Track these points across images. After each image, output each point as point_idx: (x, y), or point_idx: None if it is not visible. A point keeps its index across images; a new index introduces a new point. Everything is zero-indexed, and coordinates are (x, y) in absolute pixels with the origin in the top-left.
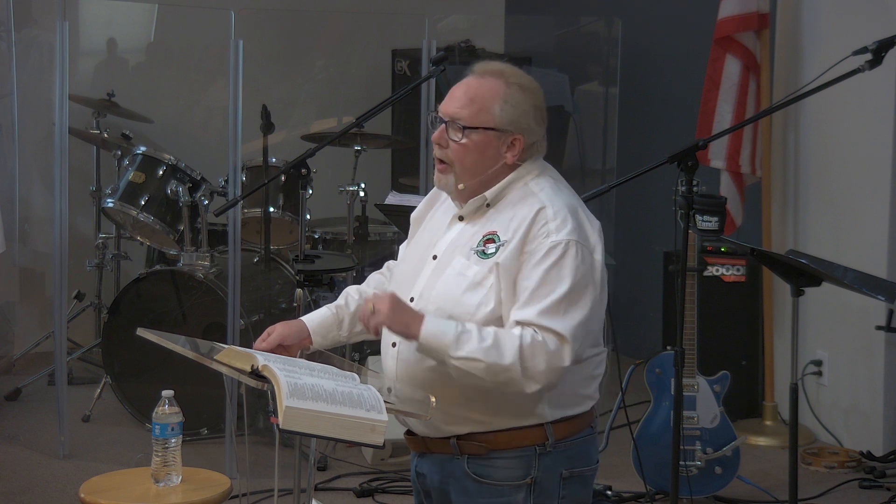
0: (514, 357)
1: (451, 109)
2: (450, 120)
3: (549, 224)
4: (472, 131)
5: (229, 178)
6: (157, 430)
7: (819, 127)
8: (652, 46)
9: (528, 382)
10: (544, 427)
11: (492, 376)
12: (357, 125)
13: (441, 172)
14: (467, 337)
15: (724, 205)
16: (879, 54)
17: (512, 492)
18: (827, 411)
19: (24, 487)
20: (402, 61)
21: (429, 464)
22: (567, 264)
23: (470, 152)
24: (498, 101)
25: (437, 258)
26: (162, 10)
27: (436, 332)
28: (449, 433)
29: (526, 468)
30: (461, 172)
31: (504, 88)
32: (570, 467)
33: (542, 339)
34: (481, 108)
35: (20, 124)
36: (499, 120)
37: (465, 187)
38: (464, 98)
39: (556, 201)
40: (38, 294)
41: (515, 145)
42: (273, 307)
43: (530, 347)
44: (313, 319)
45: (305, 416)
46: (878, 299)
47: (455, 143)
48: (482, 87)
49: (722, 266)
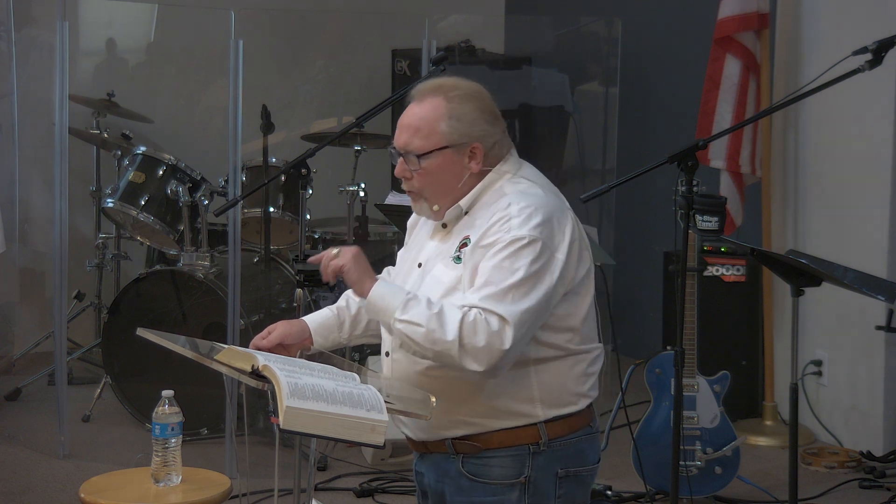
0: (455, 329)
1: (401, 143)
2: (404, 153)
3: (512, 220)
4: (426, 157)
5: (229, 178)
6: (157, 430)
7: (819, 127)
8: (652, 46)
9: (467, 358)
10: (537, 426)
11: (430, 344)
12: (357, 125)
13: (414, 202)
14: (415, 303)
15: (724, 205)
16: (879, 54)
17: (506, 490)
18: (827, 411)
19: (24, 487)
20: (402, 61)
21: (427, 463)
22: (523, 257)
23: (432, 176)
24: (443, 119)
25: (422, 266)
26: (162, 10)
27: (385, 293)
28: (443, 436)
29: (520, 467)
30: (432, 196)
31: (445, 104)
32: (565, 466)
33: (485, 318)
34: (429, 132)
35: (20, 124)
36: (449, 137)
37: (440, 207)
38: (410, 128)
39: (525, 198)
40: (38, 294)
41: (476, 154)
42: (273, 307)
43: (472, 324)
44: (314, 320)
45: (306, 416)
46: (878, 299)
47: (416, 173)
48: (424, 111)
49: (722, 266)
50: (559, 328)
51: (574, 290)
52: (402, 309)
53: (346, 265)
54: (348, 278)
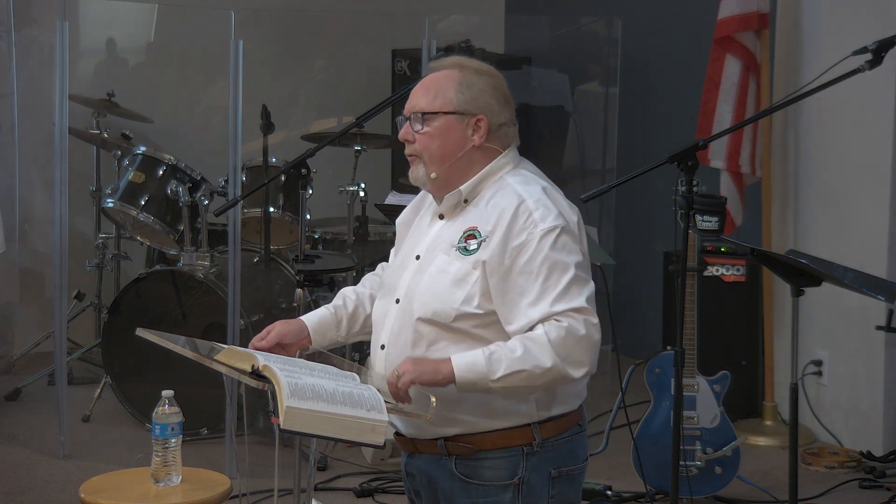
0: (549, 352)
1: (409, 105)
2: (411, 115)
3: (532, 215)
4: (431, 117)
5: (229, 178)
6: (157, 430)
7: (819, 127)
8: (652, 46)
9: (572, 368)
10: (531, 427)
11: (538, 380)
12: (357, 125)
13: (413, 167)
14: (497, 356)
15: (724, 205)
16: (879, 54)
17: (499, 492)
18: (827, 411)
19: (24, 487)
20: (402, 61)
21: (418, 464)
22: (563, 249)
23: (434, 139)
24: (453, 85)
25: (420, 258)
26: (162, 10)
27: (468, 365)
28: (436, 435)
29: (513, 468)
30: (430, 161)
31: (458, 74)
32: (558, 466)
33: (568, 324)
34: (437, 94)
35: (20, 124)
36: (457, 103)
37: (437, 175)
38: (420, 90)
39: (533, 191)
40: (38, 294)
41: (480, 126)
42: (273, 307)
43: (561, 339)
44: (312, 319)
45: (306, 416)
46: (878, 299)
47: (419, 135)
48: (437, 77)
49: (722, 266)
50: None
51: None
52: (490, 369)
53: (415, 377)
54: (425, 383)
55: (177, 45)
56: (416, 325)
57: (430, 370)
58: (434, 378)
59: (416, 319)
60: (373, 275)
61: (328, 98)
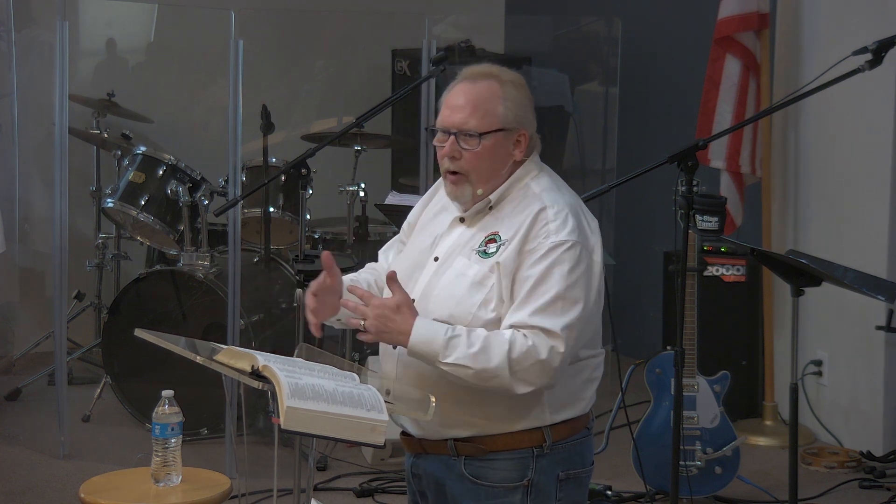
0: (503, 361)
1: (457, 120)
2: (458, 132)
3: (549, 224)
4: (485, 137)
5: (229, 178)
6: (157, 430)
7: (819, 127)
8: (652, 46)
9: (518, 384)
10: (542, 430)
11: (481, 381)
12: (357, 125)
13: (455, 184)
14: (456, 342)
15: (724, 205)
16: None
17: (508, 493)
18: (827, 411)
19: (24, 487)
20: (402, 61)
21: (425, 464)
22: (564, 264)
23: (484, 158)
24: (499, 101)
25: (439, 260)
26: (162, 10)
27: (425, 339)
28: (447, 436)
29: (523, 470)
30: (477, 179)
31: (499, 87)
32: (566, 469)
33: (532, 343)
34: (486, 112)
35: (20, 124)
36: (503, 119)
37: (483, 192)
38: (467, 107)
39: (559, 201)
40: (38, 294)
41: (521, 141)
42: (273, 307)
43: (520, 353)
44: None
45: (306, 416)
46: (878, 299)
47: (469, 153)
48: (480, 91)
49: (722, 266)
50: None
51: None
52: (444, 351)
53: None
54: (380, 339)
55: (177, 45)
56: None
57: (390, 336)
58: (391, 341)
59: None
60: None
61: (328, 98)
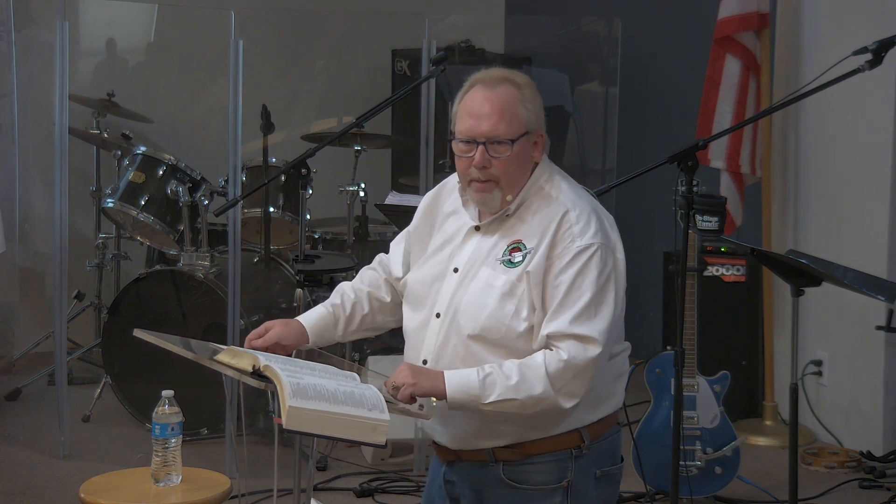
0: (545, 384)
1: (485, 129)
2: (488, 140)
3: (573, 228)
4: (516, 142)
5: (229, 178)
6: (157, 430)
7: (819, 127)
8: (652, 46)
9: (564, 400)
10: (580, 430)
11: (528, 409)
12: (357, 125)
13: (484, 191)
14: (492, 380)
15: (724, 205)
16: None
17: (548, 495)
18: (827, 411)
19: (24, 487)
20: (402, 61)
21: (459, 470)
22: (592, 268)
23: (514, 163)
24: (520, 105)
25: (459, 271)
26: (162, 10)
27: (461, 386)
28: (484, 447)
29: (562, 471)
30: (508, 184)
31: (517, 92)
32: (601, 466)
33: (567, 355)
34: (513, 118)
35: (20, 124)
36: (526, 123)
37: (512, 198)
38: (494, 115)
39: (579, 203)
40: (38, 294)
41: (538, 143)
42: (273, 307)
43: (557, 370)
44: (310, 319)
45: (308, 415)
46: (878, 299)
47: (499, 160)
48: (503, 97)
49: (722, 266)
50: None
51: None
52: (484, 393)
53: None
54: (422, 393)
55: (177, 45)
56: (467, 344)
57: (428, 386)
58: (432, 392)
59: (467, 337)
60: (370, 269)
61: (328, 98)
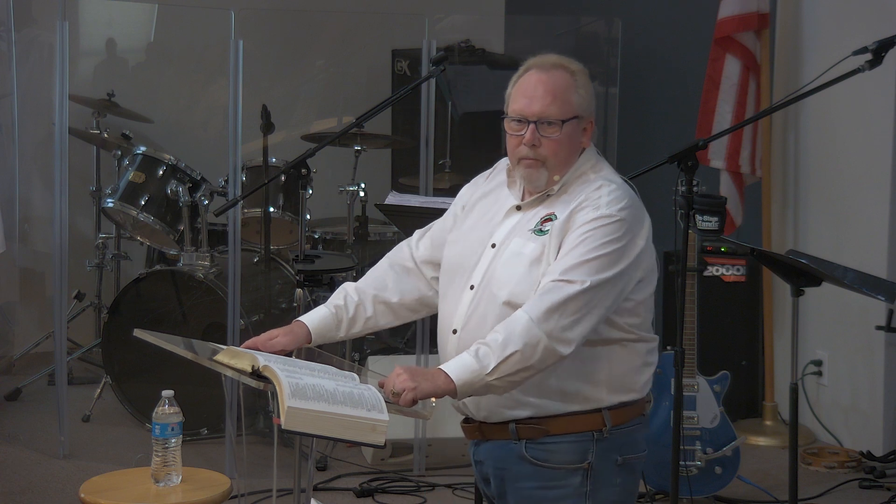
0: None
1: (537, 109)
2: (538, 120)
3: (602, 198)
4: (566, 124)
5: (229, 178)
6: (157, 430)
7: (819, 127)
8: (652, 46)
9: (556, 342)
10: (602, 413)
11: (532, 358)
12: (357, 125)
13: (532, 168)
14: (484, 351)
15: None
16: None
17: (568, 475)
18: (827, 411)
19: (24, 487)
20: (402, 61)
21: (485, 450)
22: (607, 234)
23: (563, 145)
24: (573, 91)
25: (496, 246)
26: (162, 10)
27: (459, 368)
28: (509, 418)
29: (583, 453)
30: (555, 165)
31: (571, 77)
32: (623, 454)
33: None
34: (565, 101)
35: (20, 124)
36: (577, 108)
37: (559, 178)
38: (547, 96)
39: (617, 184)
40: (38, 294)
41: (587, 129)
42: (273, 307)
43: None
44: (313, 320)
45: (307, 416)
46: (878, 299)
47: (549, 140)
48: (557, 81)
49: (722, 266)
50: (631, 312)
51: (647, 279)
52: (483, 365)
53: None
54: (425, 396)
55: (177, 45)
56: (500, 311)
57: (430, 386)
58: (435, 391)
59: (501, 304)
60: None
61: (328, 98)
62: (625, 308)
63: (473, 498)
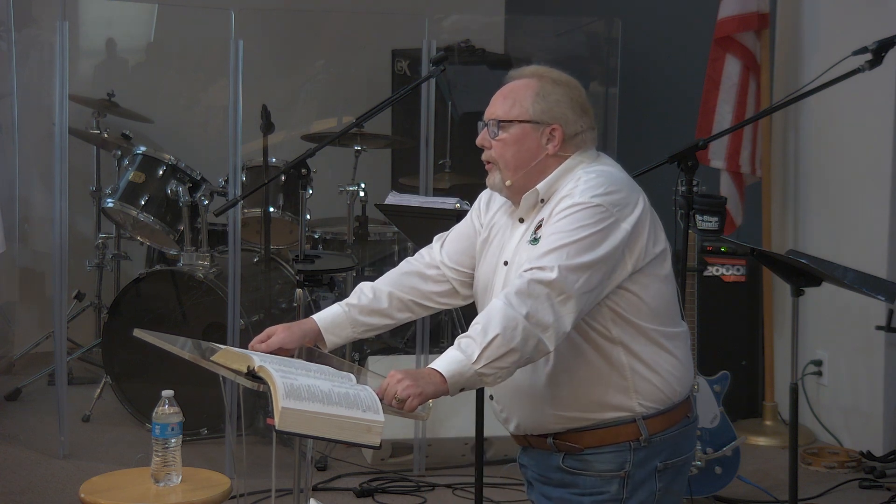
0: (508, 312)
1: (489, 110)
2: (488, 121)
3: (577, 188)
4: (507, 125)
5: (229, 178)
6: (157, 430)
7: (819, 127)
8: (652, 46)
9: (534, 326)
10: (637, 423)
11: (515, 339)
12: (357, 125)
13: (489, 172)
14: (466, 342)
15: (724, 205)
16: (879, 54)
17: (605, 483)
18: (827, 411)
19: (24, 487)
20: (402, 61)
21: (528, 457)
22: (580, 220)
23: (508, 146)
24: (531, 95)
25: (508, 263)
26: (162, 10)
27: (446, 362)
28: (545, 431)
29: (621, 462)
30: (504, 168)
31: (536, 83)
32: (664, 460)
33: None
34: (514, 103)
35: (20, 124)
36: (532, 112)
37: (511, 183)
38: (498, 98)
39: (595, 174)
40: (38, 294)
41: (555, 136)
42: (273, 307)
43: (512, 299)
44: (325, 318)
45: (301, 416)
46: (878, 299)
47: (495, 141)
48: (516, 86)
49: (722, 266)
50: (640, 308)
51: (653, 273)
52: (467, 355)
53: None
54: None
55: (177, 45)
56: None
57: (432, 388)
58: (436, 392)
59: None
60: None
61: (328, 98)
62: (632, 304)
63: (473, 498)
